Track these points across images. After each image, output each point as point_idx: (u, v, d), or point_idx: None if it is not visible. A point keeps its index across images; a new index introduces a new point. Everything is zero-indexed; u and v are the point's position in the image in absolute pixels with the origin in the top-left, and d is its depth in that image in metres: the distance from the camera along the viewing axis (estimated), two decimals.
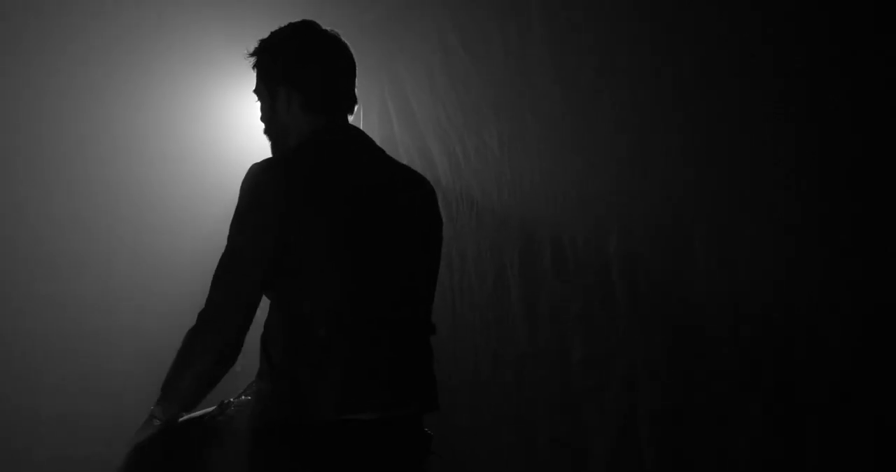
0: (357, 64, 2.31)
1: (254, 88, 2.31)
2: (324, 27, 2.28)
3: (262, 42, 2.28)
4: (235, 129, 4.60)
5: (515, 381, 3.51)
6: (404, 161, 3.02)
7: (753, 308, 2.65)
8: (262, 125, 2.32)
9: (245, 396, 2.21)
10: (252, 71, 2.30)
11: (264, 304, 2.17)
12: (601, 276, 3.15)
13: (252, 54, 2.27)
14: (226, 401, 2.23)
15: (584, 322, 3.21)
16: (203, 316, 2.09)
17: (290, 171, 2.09)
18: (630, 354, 3.03)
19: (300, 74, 2.23)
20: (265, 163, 2.14)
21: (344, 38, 2.29)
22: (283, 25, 2.29)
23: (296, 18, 2.32)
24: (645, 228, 3.00)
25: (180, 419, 2.24)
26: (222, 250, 2.11)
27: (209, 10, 4.47)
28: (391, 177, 2.25)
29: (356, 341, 2.06)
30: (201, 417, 2.24)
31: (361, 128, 2.38)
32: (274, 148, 2.29)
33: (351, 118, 2.31)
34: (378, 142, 2.34)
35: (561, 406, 3.28)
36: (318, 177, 2.09)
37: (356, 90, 2.32)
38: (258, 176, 2.09)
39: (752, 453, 2.64)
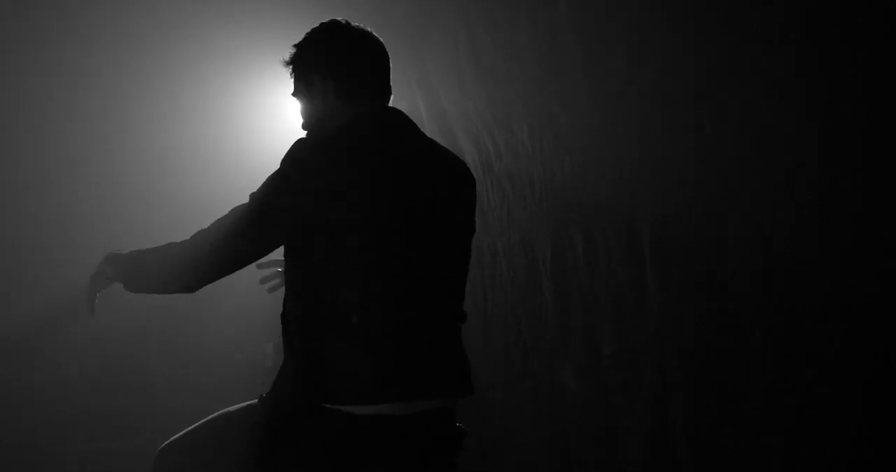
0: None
1: (292, 91, 2.38)
2: (353, 23, 2.34)
3: (295, 45, 2.36)
4: (265, 128, 4.66)
5: (547, 375, 3.54)
6: None
7: (790, 302, 2.65)
8: (301, 125, 2.38)
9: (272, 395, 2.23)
10: (290, 77, 2.37)
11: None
12: (634, 269, 3.17)
13: (289, 61, 2.36)
14: (264, 395, 2.27)
15: (617, 315, 3.24)
16: (204, 259, 2.14)
17: (333, 151, 2.13)
18: (663, 347, 3.05)
19: (331, 62, 2.29)
20: (311, 140, 2.19)
21: (375, 33, 2.35)
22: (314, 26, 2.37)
23: (324, 14, 2.39)
24: (678, 221, 3.01)
25: (214, 416, 2.33)
26: None
27: (236, 7, 4.55)
28: (433, 163, 2.29)
29: (389, 329, 2.08)
30: (236, 412, 2.30)
31: None
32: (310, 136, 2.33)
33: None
34: None
35: (593, 400, 3.31)
36: (359, 160, 2.13)
37: (391, 82, 2.37)
38: (301, 151, 2.13)
39: (788, 445, 2.66)
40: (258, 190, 2.15)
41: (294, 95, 2.38)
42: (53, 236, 4.76)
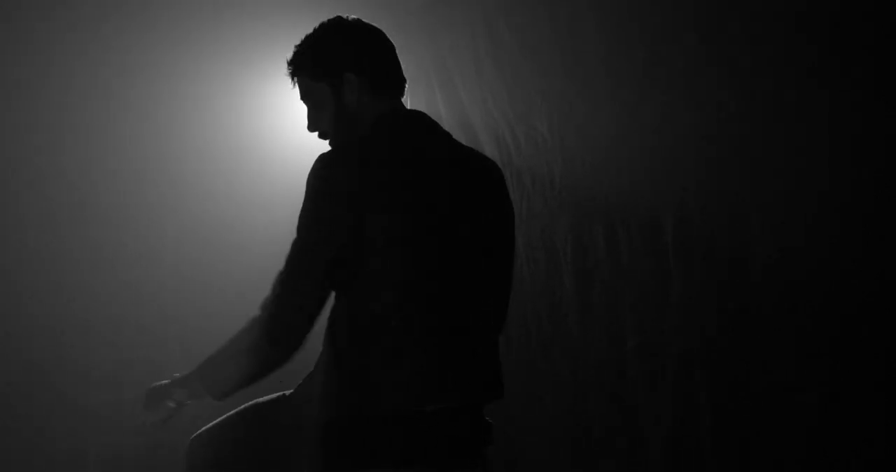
0: (402, 51, 2.37)
1: (300, 95, 2.31)
2: (351, 18, 2.29)
3: (303, 44, 2.29)
4: (286, 127, 4.66)
5: (569, 369, 3.56)
6: None
7: (814, 296, 2.69)
8: (319, 133, 2.33)
9: (305, 387, 2.27)
10: (293, 82, 2.30)
11: None
12: (656, 262, 3.20)
13: (293, 61, 2.29)
14: (287, 393, 2.31)
15: (639, 309, 3.26)
16: (274, 318, 2.10)
17: (360, 161, 2.11)
18: (686, 341, 3.08)
19: (360, 57, 2.24)
20: (333, 154, 2.15)
21: (376, 26, 2.32)
22: (315, 27, 2.29)
23: (341, 8, 2.37)
24: (701, 215, 3.04)
25: (244, 407, 2.35)
26: (267, 242, 2.15)
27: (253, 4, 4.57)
28: (464, 165, 2.29)
29: (430, 333, 2.10)
30: (266, 404, 2.35)
31: None
32: (331, 144, 2.31)
33: (405, 99, 2.33)
34: None
35: (616, 395, 3.34)
36: (389, 167, 2.12)
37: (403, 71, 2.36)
38: (327, 168, 2.10)
39: (812, 439, 2.70)
40: (299, 229, 2.11)
41: (304, 98, 2.31)
42: (64, 238, 4.80)
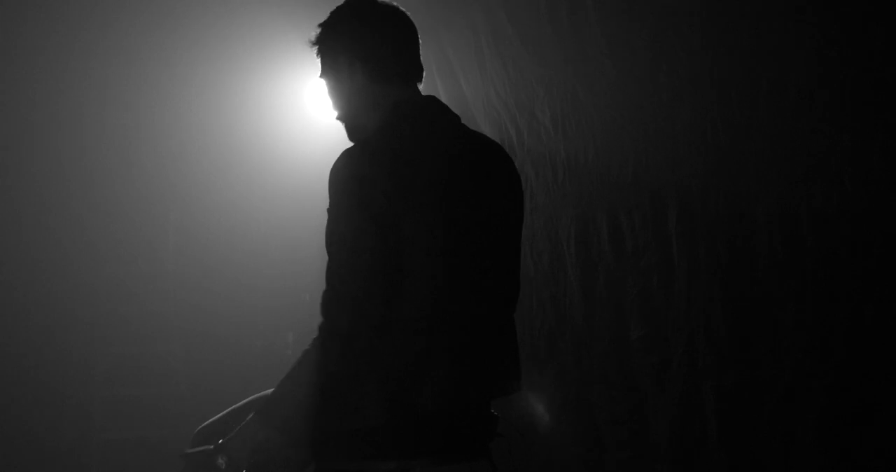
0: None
1: (319, 73, 2.36)
2: (380, 0, 2.32)
3: (321, 25, 2.33)
4: (290, 126, 4.68)
5: (573, 360, 3.58)
6: None
7: (820, 284, 2.69)
8: (332, 106, 2.37)
9: None
10: (316, 58, 2.35)
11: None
12: (660, 253, 3.21)
13: (315, 41, 2.33)
14: None
15: (643, 300, 3.28)
16: (333, 333, 2.06)
17: (383, 160, 2.12)
18: (690, 331, 3.08)
19: (357, 42, 2.27)
20: (355, 153, 2.16)
21: (401, 7, 2.34)
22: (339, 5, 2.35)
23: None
24: (704, 204, 3.05)
25: (248, 400, 2.36)
26: (267, 237, 2.13)
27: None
28: (479, 158, 2.29)
29: (453, 337, 2.11)
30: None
31: None
32: (347, 128, 2.34)
33: (421, 87, 2.35)
34: None
35: (620, 385, 3.36)
36: (407, 166, 2.13)
37: (421, 59, 2.37)
38: (353, 167, 2.11)
39: (819, 429, 2.69)
40: (331, 224, 2.12)
41: (321, 76, 2.36)
42: (62, 238, 4.85)
